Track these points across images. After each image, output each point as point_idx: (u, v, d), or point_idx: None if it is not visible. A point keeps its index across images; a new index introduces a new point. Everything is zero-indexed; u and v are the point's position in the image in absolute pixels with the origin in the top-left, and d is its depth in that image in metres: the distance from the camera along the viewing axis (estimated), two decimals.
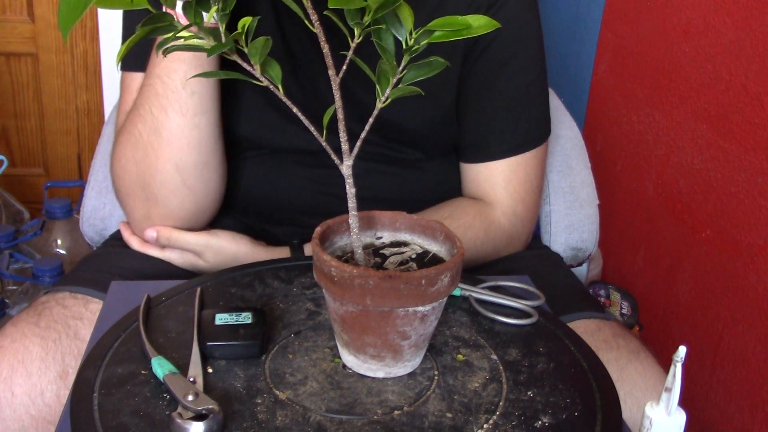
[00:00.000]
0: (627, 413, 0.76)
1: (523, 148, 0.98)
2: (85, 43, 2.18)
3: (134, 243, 0.94)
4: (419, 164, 1.00)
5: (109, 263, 0.94)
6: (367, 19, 0.53)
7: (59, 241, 1.77)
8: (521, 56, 0.97)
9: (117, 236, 1.02)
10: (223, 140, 0.92)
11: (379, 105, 0.57)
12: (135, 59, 0.92)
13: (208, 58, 0.85)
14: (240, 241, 0.92)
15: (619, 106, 1.67)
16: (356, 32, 0.54)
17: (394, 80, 0.56)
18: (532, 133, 0.99)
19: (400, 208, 0.95)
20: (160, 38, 0.53)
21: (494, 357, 0.65)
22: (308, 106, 0.60)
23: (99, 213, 1.10)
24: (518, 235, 1.00)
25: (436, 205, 0.98)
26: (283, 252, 0.93)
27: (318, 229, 0.60)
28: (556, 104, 1.23)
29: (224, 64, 0.87)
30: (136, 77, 0.93)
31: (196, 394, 0.55)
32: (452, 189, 1.02)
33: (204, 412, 0.54)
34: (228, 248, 0.91)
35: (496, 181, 0.98)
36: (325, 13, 0.52)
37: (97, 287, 0.87)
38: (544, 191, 1.15)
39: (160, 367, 0.59)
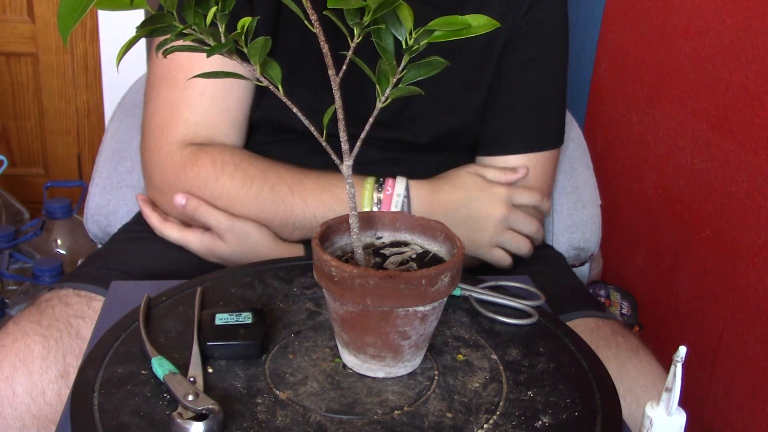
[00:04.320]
0: (626, 411, 0.76)
1: (542, 146, 0.99)
2: (85, 43, 2.18)
3: (154, 219, 0.93)
4: (431, 156, 1.00)
5: (113, 260, 0.94)
6: (366, 18, 0.53)
7: (59, 241, 1.77)
8: (550, 57, 0.98)
9: (122, 231, 1.03)
10: None
11: (379, 105, 0.57)
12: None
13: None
14: (264, 231, 0.90)
15: (619, 106, 1.67)
16: (356, 32, 0.54)
17: (394, 80, 0.56)
18: (550, 134, 1.00)
19: None
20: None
21: (494, 357, 0.65)
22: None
23: (103, 210, 1.11)
24: None
25: None
26: (296, 248, 0.93)
27: (318, 229, 0.60)
28: None
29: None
30: (200, 56, 0.92)
31: (196, 394, 0.55)
32: None
33: (204, 412, 0.54)
34: (252, 235, 0.89)
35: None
36: (324, 12, 0.52)
37: (101, 284, 0.87)
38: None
39: (160, 367, 0.59)
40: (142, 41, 0.88)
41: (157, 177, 0.93)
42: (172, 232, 0.92)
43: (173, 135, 0.92)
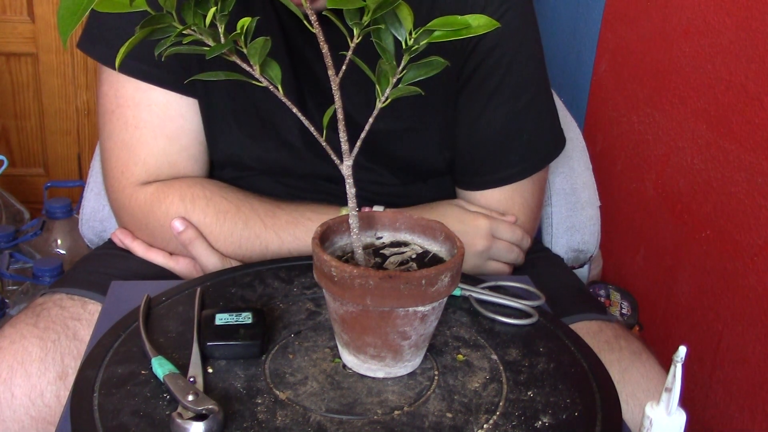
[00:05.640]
0: (630, 415, 0.76)
1: (518, 176, 0.94)
2: None
3: (138, 248, 0.91)
4: (412, 187, 0.98)
5: (105, 265, 0.93)
6: (366, 19, 0.53)
7: (59, 241, 1.77)
8: (512, 80, 0.91)
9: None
10: None
11: (379, 105, 0.57)
12: (158, 68, 0.87)
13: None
14: None
15: (619, 106, 1.67)
16: (355, 32, 0.54)
17: (394, 80, 0.56)
18: (527, 160, 0.95)
19: None
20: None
21: (494, 357, 0.65)
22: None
23: (98, 215, 1.10)
24: None
25: None
26: None
27: (318, 229, 0.60)
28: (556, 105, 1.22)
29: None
30: (145, 90, 0.89)
31: (196, 394, 0.55)
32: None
33: (204, 412, 0.54)
34: None
35: (493, 210, 0.94)
36: (324, 13, 0.52)
37: (93, 289, 0.87)
38: (545, 192, 1.14)
39: (160, 367, 0.59)
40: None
41: (125, 219, 0.92)
42: (158, 258, 0.91)
43: (134, 177, 0.90)
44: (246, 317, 0.64)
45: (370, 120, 0.57)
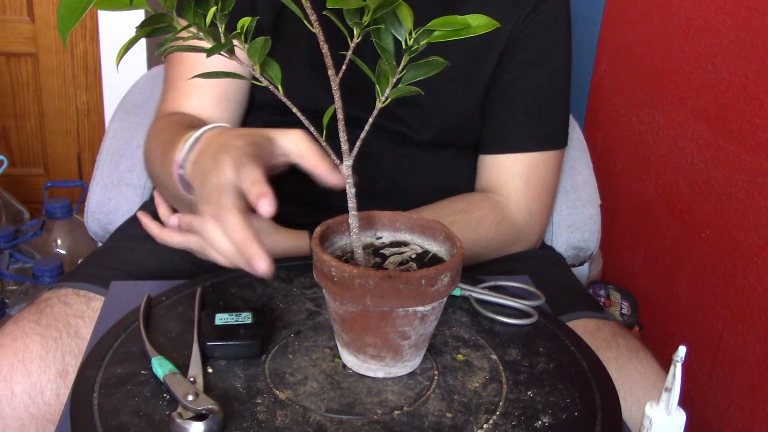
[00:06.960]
0: (627, 412, 0.76)
1: (546, 146, 0.99)
2: (85, 43, 2.18)
3: (153, 228, 0.88)
4: (433, 150, 1.00)
5: (113, 259, 0.93)
6: (366, 18, 0.53)
7: (59, 241, 1.77)
8: (554, 58, 0.99)
9: (121, 230, 1.03)
10: None
11: (378, 105, 0.57)
12: None
13: None
14: (261, 220, 0.87)
15: (619, 106, 1.67)
16: (355, 32, 0.54)
17: (394, 80, 0.56)
18: (554, 134, 1.01)
19: (410, 193, 0.94)
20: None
21: (494, 357, 0.65)
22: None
23: (104, 208, 1.11)
24: (529, 232, 1.00)
25: (450, 198, 0.98)
26: (301, 236, 0.91)
27: (318, 229, 0.60)
28: None
29: None
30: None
31: (196, 394, 0.55)
32: (464, 183, 1.02)
33: (204, 412, 0.54)
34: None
35: (517, 173, 0.99)
36: (324, 13, 0.52)
37: (100, 283, 0.87)
38: None
39: (160, 367, 0.59)
40: (142, 40, 0.88)
41: (144, 147, 0.95)
42: (172, 238, 0.89)
43: (162, 108, 0.95)
44: (246, 317, 0.64)
45: (370, 120, 0.57)
